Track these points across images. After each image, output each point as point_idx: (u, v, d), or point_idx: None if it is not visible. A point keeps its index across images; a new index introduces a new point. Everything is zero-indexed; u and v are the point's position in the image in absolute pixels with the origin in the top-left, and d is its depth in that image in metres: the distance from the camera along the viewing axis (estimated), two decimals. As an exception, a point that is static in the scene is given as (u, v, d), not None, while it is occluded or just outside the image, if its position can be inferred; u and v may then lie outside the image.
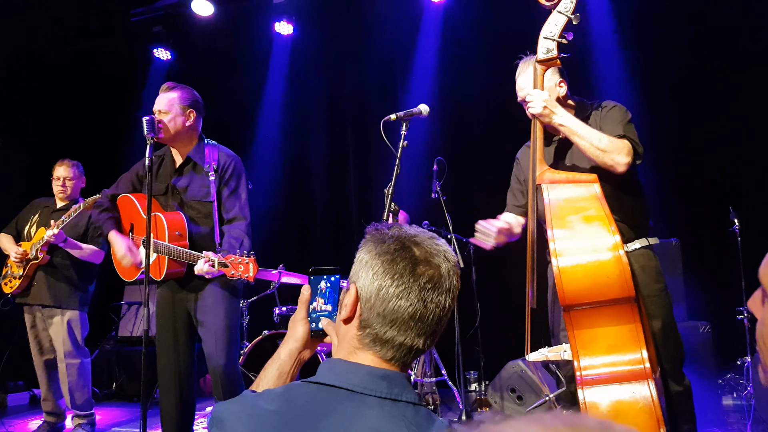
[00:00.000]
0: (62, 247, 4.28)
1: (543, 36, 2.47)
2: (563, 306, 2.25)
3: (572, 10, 2.42)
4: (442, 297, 1.17)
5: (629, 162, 2.46)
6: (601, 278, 2.20)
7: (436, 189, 4.46)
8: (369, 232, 1.24)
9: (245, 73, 6.80)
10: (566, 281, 2.21)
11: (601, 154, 2.44)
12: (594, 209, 2.31)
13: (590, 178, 2.41)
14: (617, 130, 2.53)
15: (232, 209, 3.16)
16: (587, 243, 2.24)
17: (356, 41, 6.44)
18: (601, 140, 2.45)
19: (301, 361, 1.40)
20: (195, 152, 3.23)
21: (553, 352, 2.44)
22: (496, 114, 5.82)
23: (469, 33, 5.86)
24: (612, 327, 2.23)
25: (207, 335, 3.11)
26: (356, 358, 1.17)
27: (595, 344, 2.24)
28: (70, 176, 4.58)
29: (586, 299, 2.22)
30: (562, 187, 2.41)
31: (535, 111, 2.49)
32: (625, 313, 2.23)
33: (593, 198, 2.35)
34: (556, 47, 2.44)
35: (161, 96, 3.19)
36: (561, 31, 2.44)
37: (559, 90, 2.67)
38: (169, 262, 3.05)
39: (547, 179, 2.45)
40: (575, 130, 2.48)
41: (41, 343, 4.48)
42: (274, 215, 6.64)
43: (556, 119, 2.49)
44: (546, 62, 2.49)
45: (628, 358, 2.20)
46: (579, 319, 2.26)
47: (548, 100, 2.48)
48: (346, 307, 1.20)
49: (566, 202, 2.36)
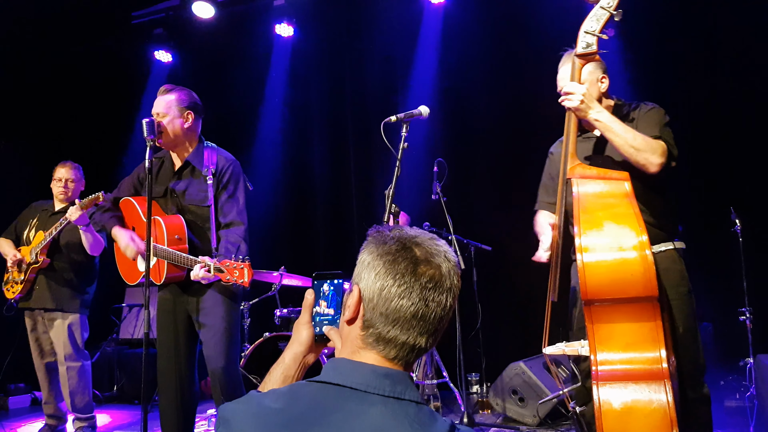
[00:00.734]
0: (83, 231, 4.25)
1: (584, 30, 2.44)
2: (584, 300, 2.25)
3: (615, 6, 2.39)
4: (443, 296, 1.19)
5: (662, 163, 2.44)
6: (624, 275, 2.20)
7: (437, 190, 4.46)
8: (371, 234, 1.27)
9: (246, 75, 6.81)
10: (590, 276, 2.21)
11: (634, 152, 2.43)
12: (623, 207, 2.30)
13: (621, 176, 2.40)
14: (653, 131, 2.52)
15: (230, 213, 3.16)
16: (614, 240, 2.24)
17: (356, 43, 6.45)
18: (635, 138, 2.44)
19: (306, 365, 1.43)
20: (194, 156, 3.22)
21: (571, 346, 2.45)
22: (496, 115, 5.84)
23: (469, 34, 5.86)
24: (632, 324, 2.23)
25: (207, 337, 3.10)
26: (360, 357, 1.19)
27: (614, 340, 2.24)
28: (72, 178, 4.58)
29: (607, 295, 2.23)
30: (593, 182, 2.41)
31: (571, 104, 2.48)
32: (647, 311, 2.22)
33: (623, 195, 2.34)
34: (596, 42, 2.42)
35: (159, 98, 3.19)
36: (602, 26, 2.41)
37: (600, 85, 2.66)
38: (169, 266, 3.05)
39: (578, 174, 2.44)
40: (610, 127, 2.46)
41: (42, 346, 4.48)
42: (275, 217, 6.64)
43: (591, 114, 2.47)
44: (585, 56, 2.47)
45: (645, 356, 2.20)
46: (599, 314, 2.26)
47: (585, 94, 2.46)
48: (349, 308, 1.23)
49: (595, 198, 2.36)
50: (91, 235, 4.28)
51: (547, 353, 2.55)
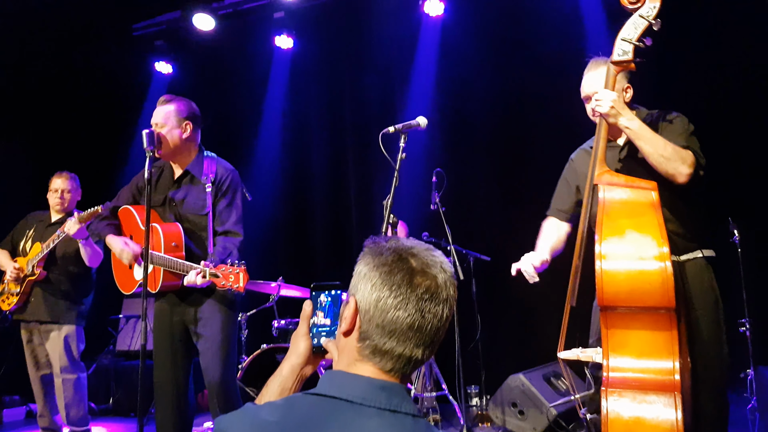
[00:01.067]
0: (82, 245, 4.24)
1: (621, 38, 2.42)
2: (600, 306, 2.25)
3: (654, 15, 2.38)
4: (440, 307, 1.19)
5: (691, 173, 2.43)
6: (642, 285, 2.20)
7: (435, 200, 4.46)
8: (367, 245, 1.27)
9: (246, 86, 6.84)
10: (607, 282, 2.22)
11: (663, 161, 2.42)
12: (647, 216, 2.30)
13: (649, 185, 2.39)
14: (680, 140, 2.51)
15: (226, 222, 3.16)
16: (635, 249, 2.24)
17: (355, 54, 6.48)
18: (666, 147, 2.42)
19: (303, 377, 1.42)
20: (193, 165, 3.23)
21: (586, 353, 2.45)
22: (494, 125, 5.85)
23: (467, 46, 5.89)
24: (647, 332, 2.23)
25: (204, 349, 3.09)
26: (356, 369, 1.19)
27: (628, 347, 2.24)
28: (68, 188, 4.57)
29: (624, 303, 2.23)
30: (619, 189, 2.40)
31: (602, 110, 2.46)
32: (663, 321, 2.21)
33: (649, 205, 2.33)
34: (632, 50, 2.40)
35: (158, 109, 3.20)
36: (640, 34, 2.40)
37: (624, 95, 2.65)
38: (165, 274, 3.04)
39: (605, 181, 2.44)
40: (641, 134, 2.45)
41: (37, 358, 4.45)
42: (274, 227, 6.64)
43: (622, 120, 2.45)
44: (621, 64, 2.45)
45: (658, 366, 2.19)
46: (615, 320, 2.26)
47: (616, 100, 2.45)
48: (346, 320, 1.22)
49: (621, 205, 2.36)
50: (90, 248, 4.27)
51: (561, 357, 2.53)
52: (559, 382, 4.72)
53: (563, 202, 2.95)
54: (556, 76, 5.42)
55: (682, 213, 2.56)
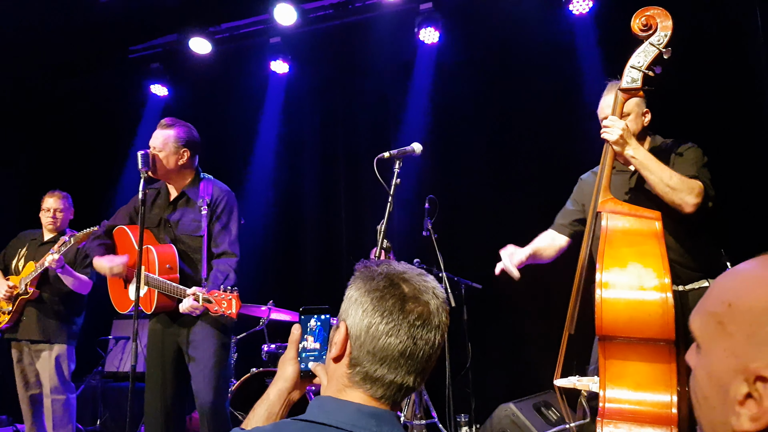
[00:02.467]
0: (59, 273, 4.22)
1: (630, 65, 2.45)
2: (599, 335, 2.24)
3: (665, 43, 2.40)
4: (432, 334, 1.18)
5: (698, 203, 2.42)
6: (642, 315, 2.19)
7: (428, 227, 4.46)
8: (358, 270, 1.26)
9: (241, 110, 6.87)
10: (606, 311, 2.21)
11: (669, 191, 2.42)
12: (650, 246, 2.29)
13: (653, 215, 2.39)
14: (690, 170, 2.51)
15: (222, 244, 3.17)
16: (635, 279, 2.23)
17: (350, 80, 6.53)
18: (671, 178, 2.42)
19: (290, 402, 1.41)
20: (189, 187, 3.25)
21: (583, 381, 2.42)
22: (488, 153, 5.89)
23: (462, 74, 5.96)
24: (645, 364, 2.21)
25: (196, 372, 3.07)
26: (346, 395, 1.18)
27: (625, 378, 2.22)
28: (60, 207, 4.56)
29: (623, 333, 2.21)
30: (623, 218, 2.40)
31: (610, 138, 2.47)
32: (662, 354, 2.20)
33: (652, 235, 2.33)
34: (641, 78, 2.42)
35: (157, 132, 3.22)
36: (650, 63, 2.42)
37: (643, 119, 2.67)
38: (159, 296, 3.04)
39: (609, 209, 2.43)
40: (646, 164, 2.45)
41: (27, 377, 4.40)
42: (264, 251, 6.62)
43: (628, 150, 2.46)
44: (629, 91, 2.47)
45: (655, 399, 2.18)
46: (613, 350, 2.25)
47: (625, 129, 2.46)
48: (336, 345, 1.21)
49: (623, 234, 2.35)
50: (69, 276, 4.25)
51: (558, 385, 2.51)
52: (549, 412, 4.69)
53: (565, 216, 2.97)
54: (550, 104, 5.50)
55: (688, 243, 2.56)
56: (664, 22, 2.42)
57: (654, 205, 2.47)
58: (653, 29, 2.42)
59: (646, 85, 2.44)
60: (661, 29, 2.42)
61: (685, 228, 2.53)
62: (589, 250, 2.56)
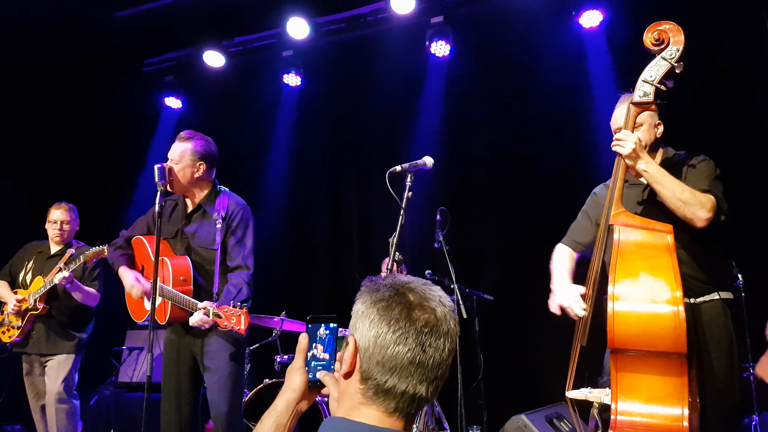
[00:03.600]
0: (68, 289, 4.26)
1: (642, 79, 2.45)
2: (611, 348, 2.24)
3: (677, 58, 2.41)
4: (441, 341, 1.17)
5: (710, 218, 2.42)
6: (654, 328, 2.19)
7: (439, 239, 4.47)
8: (364, 284, 1.27)
9: (254, 122, 6.92)
10: (618, 324, 2.21)
11: (681, 205, 2.42)
12: (662, 259, 2.29)
13: (665, 228, 2.39)
14: (702, 184, 2.51)
15: (237, 258, 3.19)
16: (648, 292, 2.23)
17: (362, 93, 6.57)
18: (683, 192, 2.43)
19: (299, 412, 1.38)
20: (206, 200, 3.29)
21: (595, 393, 2.42)
22: (498, 165, 5.90)
23: (472, 87, 5.98)
24: (657, 377, 2.21)
25: (211, 382, 3.10)
26: (359, 415, 1.17)
27: (637, 391, 2.22)
28: (67, 219, 4.56)
29: (635, 346, 2.21)
30: (635, 231, 2.40)
31: (622, 151, 2.48)
32: (674, 367, 2.19)
33: (664, 248, 2.33)
34: (653, 92, 2.43)
35: (176, 144, 3.25)
36: (662, 77, 2.43)
37: (656, 130, 2.67)
38: (173, 307, 3.07)
39: (621, 221, 2.43)
40: (658, 178, 2.45)
41: (37, 388, 4.43)
42: (277, 262, 6.65)
43: (640, 164, 2.47)
44: (641, 105, 2.47)
45: (667, 412, 2.17)
46: (625, 363, 2.25)
47: (638, 143, 2.46)
48: (346, 361, 1.20)
49: (636, 247, 2.35)
50: (78, 291, 4.28)
51: (569, 397, 2.50)
52: (561, 423, 4.66)
53: (581, 234, 2.94)
54: (561, 117, 5.51)
55: (700, 256, 2.55)
56: (676, 36, 2.43)
57: (666, 218, 2.46)
58: (665, 44, 2.43)
59: (658, 98, 2.44)
60: (673, 44, 2.42)
61: (697, 241, 2.52)
62: (601, 262, 2.56)
